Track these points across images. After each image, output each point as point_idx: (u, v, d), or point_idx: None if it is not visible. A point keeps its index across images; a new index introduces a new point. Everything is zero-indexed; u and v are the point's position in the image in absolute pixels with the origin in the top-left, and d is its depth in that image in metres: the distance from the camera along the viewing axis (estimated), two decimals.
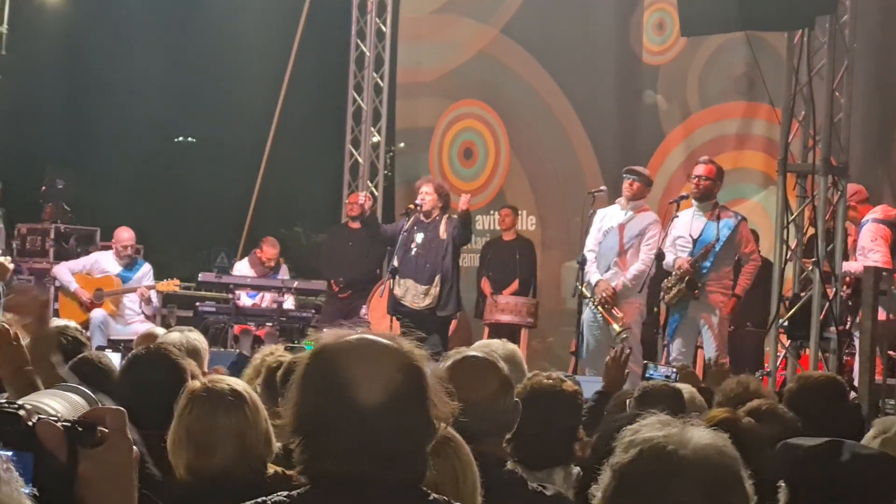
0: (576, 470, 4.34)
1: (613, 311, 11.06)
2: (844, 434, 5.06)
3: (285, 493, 2.61)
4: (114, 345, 12.00)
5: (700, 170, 10.92)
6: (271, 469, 3.87)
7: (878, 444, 4.94)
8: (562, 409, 4.01)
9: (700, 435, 2.42)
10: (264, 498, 2.63)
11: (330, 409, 2.49)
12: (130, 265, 13.87)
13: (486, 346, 4.19)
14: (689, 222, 10.88)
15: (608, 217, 11.44)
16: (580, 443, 4.61)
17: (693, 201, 10.94)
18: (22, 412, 1.89)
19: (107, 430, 1.97)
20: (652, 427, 2.45)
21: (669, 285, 10.81)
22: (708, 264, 10.71)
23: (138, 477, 2.03)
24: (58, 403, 2.10)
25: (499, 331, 12.73)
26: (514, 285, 13.44)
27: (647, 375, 6.81)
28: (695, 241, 10.79)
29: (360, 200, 12.97)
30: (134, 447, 2.05)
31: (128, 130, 23.26)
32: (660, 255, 10.95)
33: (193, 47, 23.67)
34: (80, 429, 1.95)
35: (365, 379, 2.47)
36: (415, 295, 11.90)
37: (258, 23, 20.37)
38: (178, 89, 23.88)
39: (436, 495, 2.56)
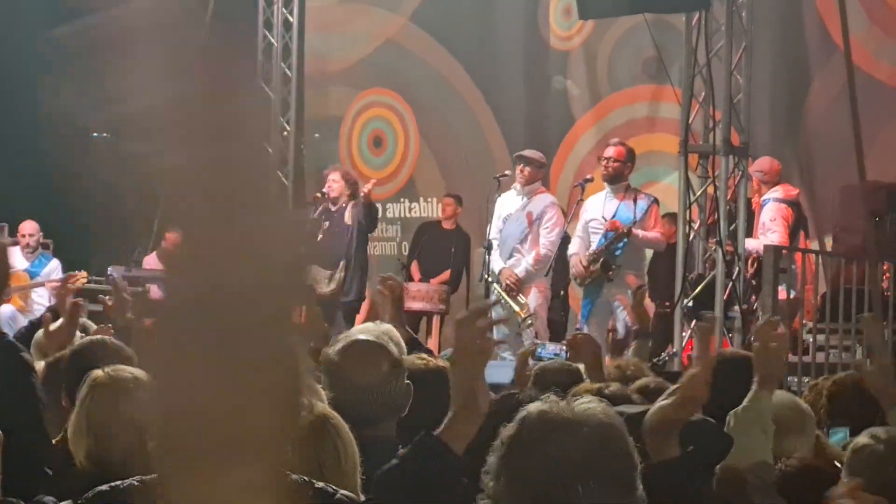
0: None
1: (518, 297, 11.10)
2: None
3: (138, 477, 2.61)
4: None
5: (610, 152, 11.00)
6: None
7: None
8: (431, 388, 4.01)
9: (582, 401, 2.49)
10: (118, 482, 2.62)
11: None
12: (37, 259, 13.77)
13: (362, 330, 4.16)
14: (602, 204, 10.95)
15: (506, 204, 11.46)
16: None
17: (605, 184, 11.02)
18: None
19: None
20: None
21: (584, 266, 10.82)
22: (621, 245, 10.80)
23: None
24: None
25: (410, 318, 12.71)
26: (446, 275, 13.04)
27: (537, 354, 6.88)
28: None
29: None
30: None
31: (35, 123, 22.96)
32: (565, 239, 11.03)
33: None
34: None
35: None
36: (318, 281, 11.87)
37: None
38: (87, 83, 23.60)
39: (295, 475, 2.56)
